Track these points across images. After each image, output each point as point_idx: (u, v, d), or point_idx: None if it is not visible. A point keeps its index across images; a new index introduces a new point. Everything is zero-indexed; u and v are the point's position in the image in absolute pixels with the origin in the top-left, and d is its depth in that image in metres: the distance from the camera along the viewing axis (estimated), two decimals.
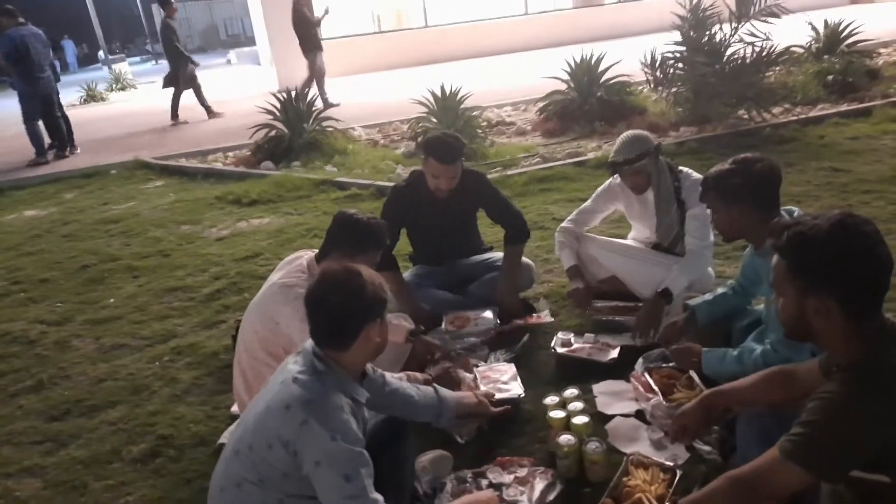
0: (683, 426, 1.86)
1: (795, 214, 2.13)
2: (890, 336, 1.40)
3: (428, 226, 3.12)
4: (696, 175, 2.90)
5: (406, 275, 3.22)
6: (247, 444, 1.61)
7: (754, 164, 2.15)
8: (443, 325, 2.98)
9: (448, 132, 3.11)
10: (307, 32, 9.73)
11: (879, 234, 1.41)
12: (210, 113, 10.55)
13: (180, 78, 10.24)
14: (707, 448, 2.09)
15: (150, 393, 2.93)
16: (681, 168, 2.97)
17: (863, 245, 1.39)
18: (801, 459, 1.35)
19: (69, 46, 29.85)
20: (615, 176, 3.08)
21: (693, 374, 2.35)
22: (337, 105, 9.66)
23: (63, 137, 8.58)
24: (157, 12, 36.11)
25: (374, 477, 1.57)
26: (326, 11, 9.89)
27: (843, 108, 6.49)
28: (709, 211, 2.33)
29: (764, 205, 2.14)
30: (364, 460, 1.55)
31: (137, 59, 34.08)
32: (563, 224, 3.20)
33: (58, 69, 8.55)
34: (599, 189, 3.20)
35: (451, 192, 2.98)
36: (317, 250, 2.46)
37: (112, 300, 4.01)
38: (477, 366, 2.69)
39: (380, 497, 1.55)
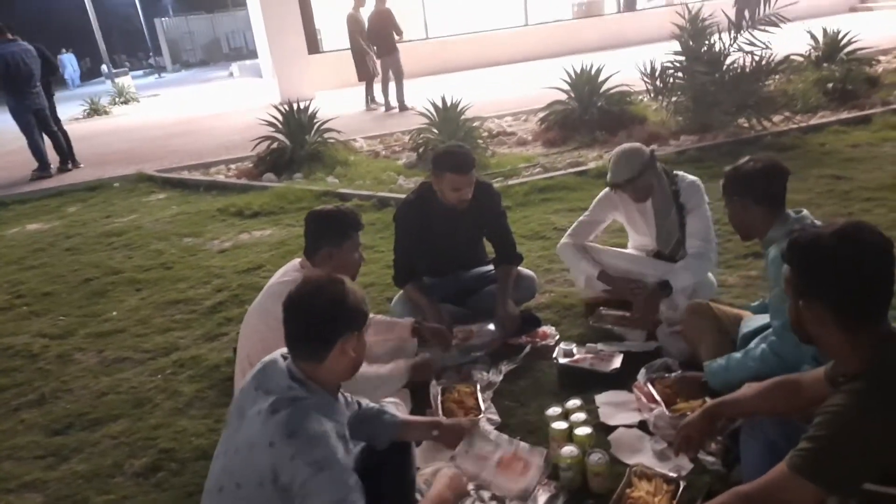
0: (687, 437, 1.85)
1: (802, 214, 2.15)
2: (894, 346, 1.39)
3: (438, 237, 3.10)
4: (692, 177, 2.92)
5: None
6: (233, 482, 1.54)
7: (758, 161, 2.22)
8: None
9: (452, 143, 3.11)
10: (391, 38, 10.25)
11: (885, 245, 1.40)
12: (388, 107, 10.67)
13: (372, 68, 10.55)
14: (710, 458, 2.08)
15: (153, 406, 2.93)
16: (675, 172, 2.96)
17: (859, 255, 1.39)
18: (810, 474, 1.34)
19: (70, 60, 29.78)
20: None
21: None
22: (411, 109, 9.95)
23: (63, 151, 8.61)
24: (161, 25, 36.58)
25: (375, 490, 1.55)
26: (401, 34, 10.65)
27: (844, 115, 6.51)
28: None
29: (769, 201, 2.16)
30: (354, 485, 1.50)
31: (140, 72, 34.26)
32: (563, 241, 3.16)
33: (51, 86, 8.58)
34: (596, 200, 3.16)
35: (460, 207, 2.97)
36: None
37: (114, 313, 4.01)
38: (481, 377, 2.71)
39: None
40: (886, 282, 1.39)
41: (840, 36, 7.65)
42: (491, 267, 3.28)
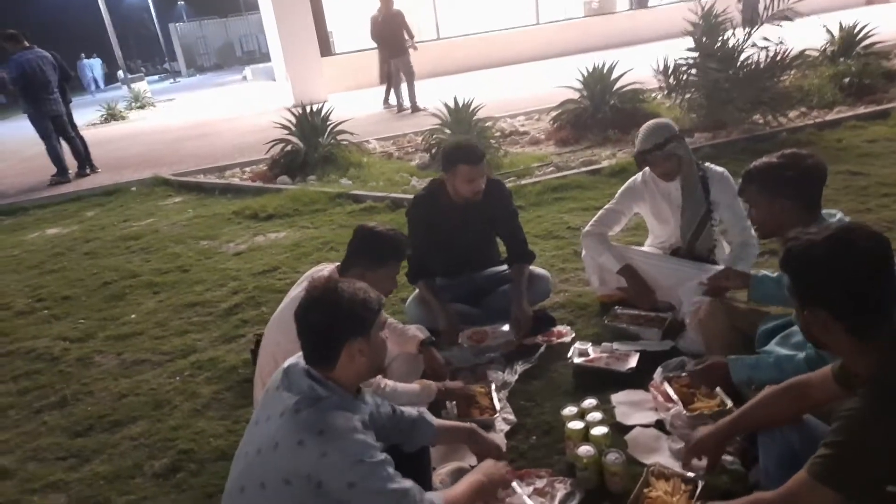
0: (700, 455, 1.83)
1: (838, 217, 2.09)
2: None
3: (448, 233, 3.11)
4: (718, 168, 2.95)
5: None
6: (256, 482, 1.56)
7: (805, 159, 2.12)
8: (461, 340, 2.98)
9: (459, 137, 3.12)
10: (402, 40, 10.31)
11: (880, 247, 1.38)
12: (401, 108, 10.67)
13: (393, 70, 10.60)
14: (729, 458, 2.06)
15: (172, 408, 2.96)
16: (704, 163, 2.99)
17: (853, 260, 1.37)
18: (831, 482, 1.34)
19: (93, 66, 30.04)
20: (642, 171, 3.05)
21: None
22: (423, 109, 9.91)
23: (81, 156, 8.74)
24: (175, 30, 36.92)
25: None
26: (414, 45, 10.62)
27: (861, 110, 6.43)
28: (745, 206, 2.30)
29: (808, 201, 2.10)
30: (389, 461, 1.56)
31: (156, 77, 34.61)
32: (588, 229, 3.14)
33: (66, 92, 8.65)
34: (622, 188, 3.15)
35: (474, 200, 2.98)
36: (338, 262, 2.46)
37: (133, 316, 4.06)
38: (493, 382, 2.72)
39: (412, 484, 1.58)
40: (885, 284, 1.37)
41: (856, 30, 7.55)
42: (504, 267, 3.29)
